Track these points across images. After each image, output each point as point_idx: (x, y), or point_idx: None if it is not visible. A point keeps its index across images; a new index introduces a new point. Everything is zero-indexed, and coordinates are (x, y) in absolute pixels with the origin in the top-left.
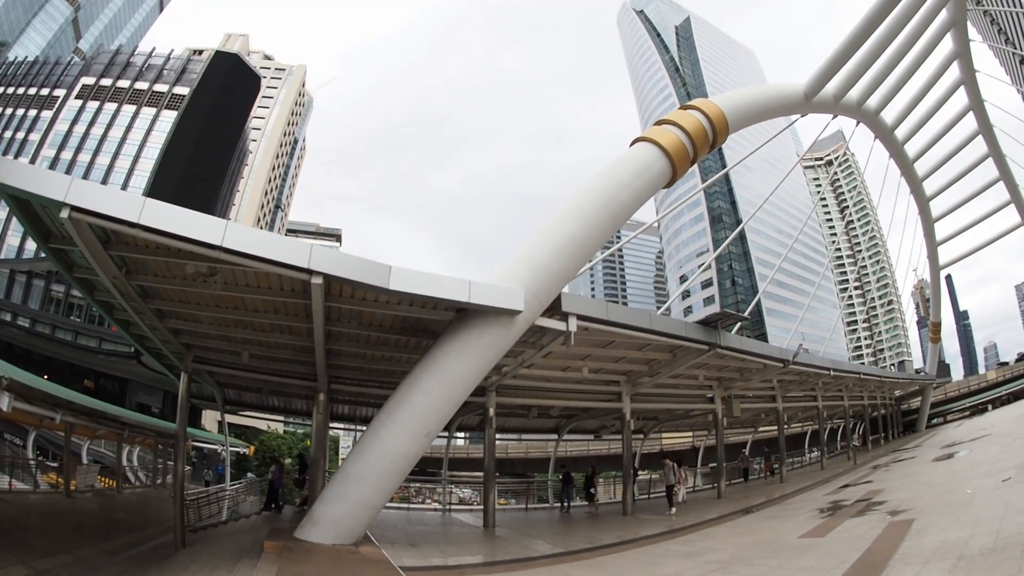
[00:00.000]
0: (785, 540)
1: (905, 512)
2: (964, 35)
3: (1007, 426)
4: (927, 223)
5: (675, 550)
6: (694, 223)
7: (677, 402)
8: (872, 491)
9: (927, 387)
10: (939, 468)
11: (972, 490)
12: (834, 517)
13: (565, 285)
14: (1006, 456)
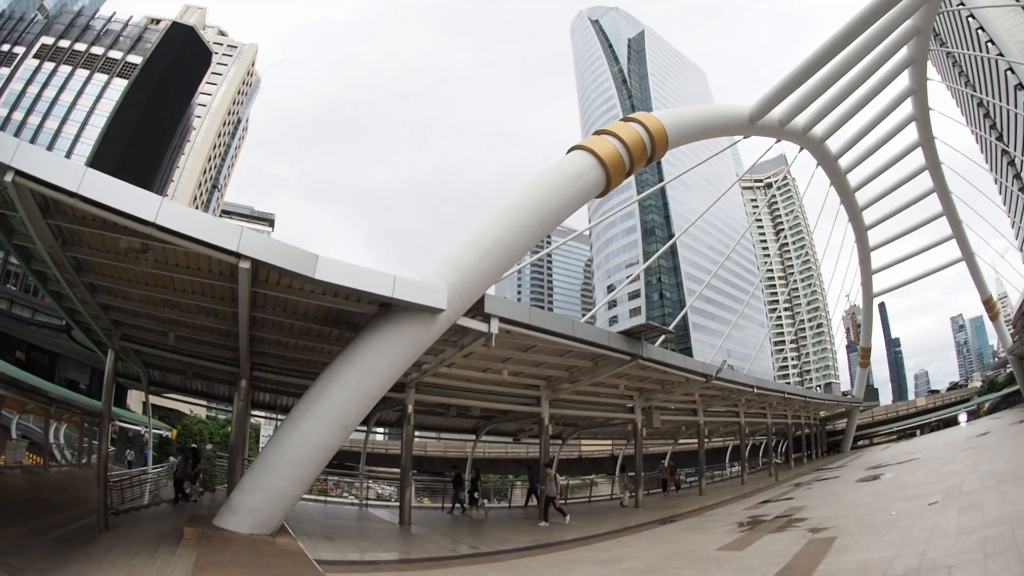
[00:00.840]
0: (703, 552)
1: (827, 530)
2: (922, 73)
3: (935, 452)
4: (863, 251)
5: (590, 556)
6: (626, 234)
7: (597, 410)
8: (793, 508)
9: (853, 410)
10: (863, 489)
11: (897, 512)
12: (753, 531)
13: (490, 286)
14: (934, 481)
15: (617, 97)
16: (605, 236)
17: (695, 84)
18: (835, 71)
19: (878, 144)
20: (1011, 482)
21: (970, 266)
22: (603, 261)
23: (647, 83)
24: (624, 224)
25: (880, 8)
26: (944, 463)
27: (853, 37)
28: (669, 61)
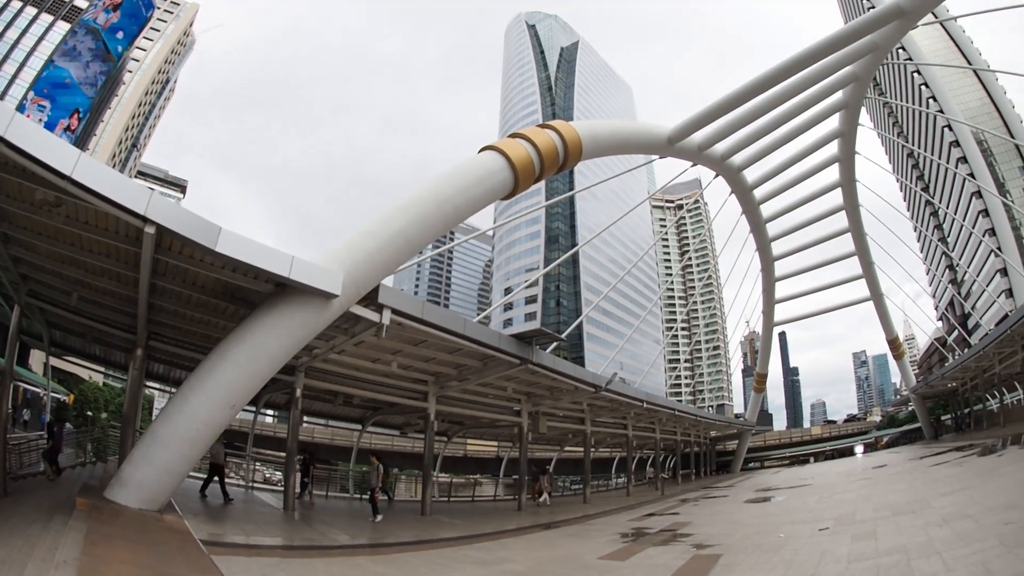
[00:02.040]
0: (584, 559)
1: (712, 547)
2: (854, 118)
3: (828, 479)
4: (768, 280)
5: (471, 556)
6: (530, 239)
7: (484, 410)
8: (678, 523)
9: (745, 432)
10: (751, 509)
11: (786, 534)
12: (637, 543)
13: (387, 277)
14: (825, 507)
15: (540, 103)
16: (508, 239)
17: (620, 99)
18: (764, 105)
19: (797, 180)
20: (908, 515)
21: (878, 306)
22: (504, 263)
23: (572, 93)
24: (529, 229)
25: (822, 51)
26: (837, 491)
27: (788, 75)
28: (598, 74)
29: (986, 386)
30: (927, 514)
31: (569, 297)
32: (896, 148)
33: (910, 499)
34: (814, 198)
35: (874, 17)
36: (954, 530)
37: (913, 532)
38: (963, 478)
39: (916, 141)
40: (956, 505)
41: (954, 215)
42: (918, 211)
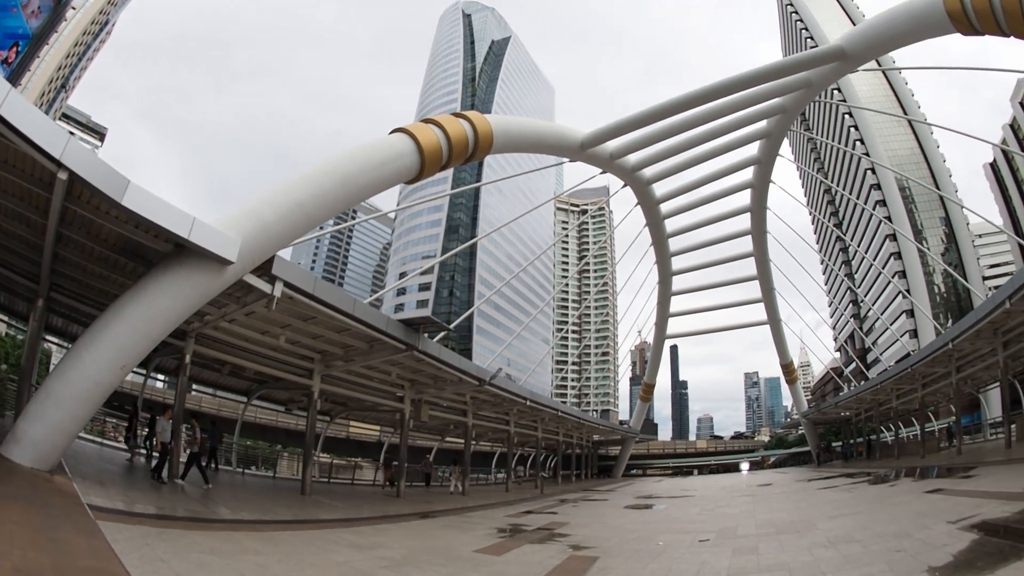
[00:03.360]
0: (459, 551)
1: (589, 549)
2: (774, 149)
3: (711, 493)
4: (664, 293)
5: (347, 539)
6: (430, 226)
7: (367, 393)
8: (556, 522)
9: (628, 439)
10: (631, 515)
11: (665, 543)
12: (513, 539)
13: (284, 248)
14: (707, 519)
15: (460, 93)
16: (409, 223)
17: (541, 98)
18: (685, 123)
19: (707, 200)
20: (791, 534)
21: (775, 331)
22: (402, 247)
23: (495, 87)
24: (430, 216)
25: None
26: (720, 505)
27: (714, 98)
28: (523, 71)
29: (882, 418)
30: (813, 535)
31: (463, 288)
32: (813, 182)
33: (795, 519)
34: (722, 219)
35: (814, 56)
36: (841, 552)
37: (797, 551)
38: (853, 503)
39: (836, 179)
40: (844, 529)
41: (864, 253)
42: (828, 245)
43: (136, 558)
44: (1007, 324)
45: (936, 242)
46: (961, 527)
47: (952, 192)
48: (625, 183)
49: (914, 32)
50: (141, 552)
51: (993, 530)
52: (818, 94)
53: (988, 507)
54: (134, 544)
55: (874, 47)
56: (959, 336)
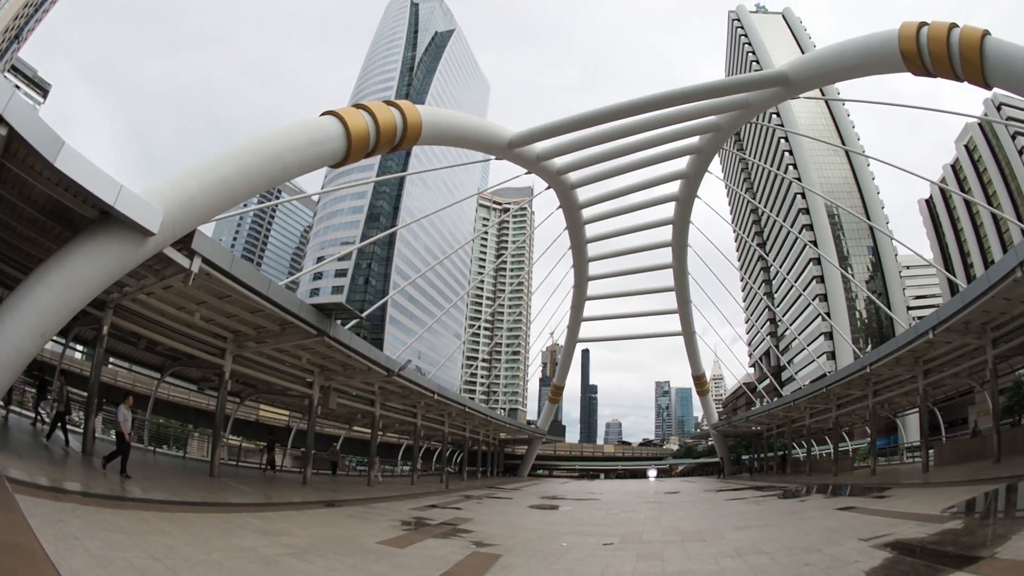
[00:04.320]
0: (363, 542)
1: (492, 546)
2: (703, 165)
3: (617, 497)
4: (579, 297)
5: (254, 524)
6: (352, 212)
7: (278, 377)
8: (460, 518)
9: (535, 439)
10: (535, 515)
11: (568, 544)
12: (416, 532)
13: (206, 223)
14: (612, 523)
15: (397, 81)
16: (331, 208)
17: (476, 93)
18: (616, 132)
19: (630, 209)
20: (697, 542)
21: (688, 343)
22: (322, 231)
23: (432, 78)
24: (353, 202)
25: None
26: (626, 509)
27: (648, 109)
28: (462, 64)
29: (794, 435)
30: (719, 544)
31: (379, 277)
32: (740, 201)
33: (702, 528)
34: (644, 229)
35: (757, 79)
36: (747, 563)
37: (703, 559)
38: (761, 516)
39: (764, 199)
40: (751, 540)
41: (786, 275)
42: (749, 264)
43: (51, 534)
44: (929, 353)
45: (862, 269)
46: (874, 545)
47: (883, 223)
48: (549, 185)
49: (863, 67)
50: (56, 528)
51: (908, 550)
52: (754, 116)
53: (903, 527)
54: (49, 520)
55: (819, 77)
56: (878, 361)
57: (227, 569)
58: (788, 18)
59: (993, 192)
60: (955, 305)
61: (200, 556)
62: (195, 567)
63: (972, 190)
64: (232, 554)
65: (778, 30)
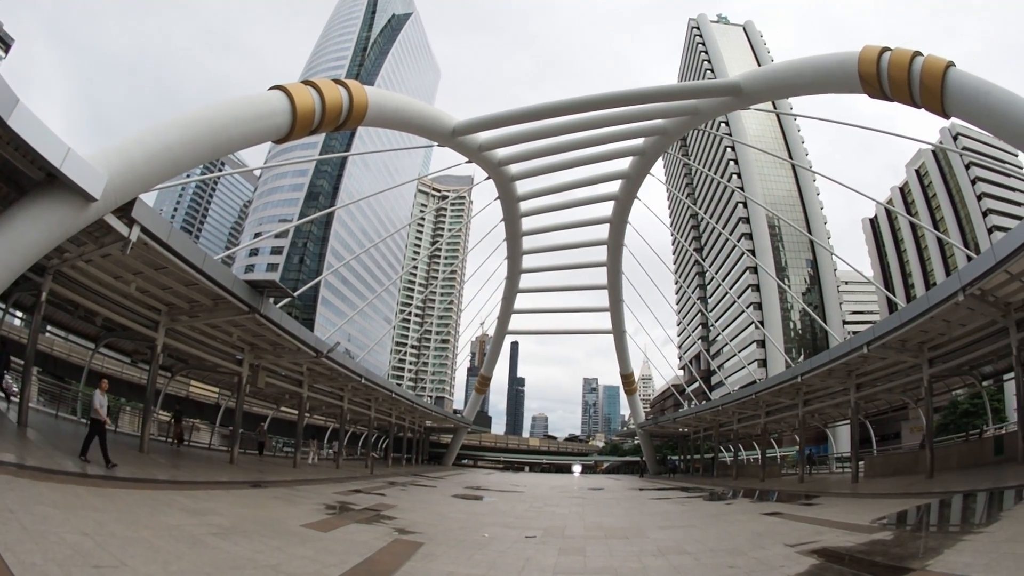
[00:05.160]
0: (287, 524)
1: (414, 534)
2: (646, 168)
3: (541, 491)
4: (511, 289)
5: (181, 503)
6: (292, 189)
7: (209, 353)
8: (384, 504)
9: (461, 429)
10: (459, 505)
11: (491, 535)
12: (340, 517)
13: (147, 191)
14: (534, 516)
15: (349, 61)
16: (272, 184)
17: (426, 78)
18: (561, 127)
19: (569, 205)
20: (621, 539)
21: (618, 341)
22: (261, 207)
23: (383, 60)
24: (294, 179)
25: (639, 98)
26: (549, 503)
27: (595, 108)
28: (416, 49)
29: (722, 439)
30: (642, 543)
31: (314, 257)
32: (680, 205)
33: (625, 525)
34: (581, 226)
35: (709, 86)
36: (671, 563)
37: (626, 557)
38: (686, 516)
39: (705, 205)
40: (675, 540)
41: (722, 281)
42: (685, 268)
43: None
44: (863, 368)
45: (799, 281)
46: (800, 551)
47: (824, 238)
48: (489, 176)
49: (819, 85)
50: None
51: (835, 557)
52: (702, 123)
53: (830, 535)
54: None
55: (772, 90)
56: (810, 372)
57: (154, 548)
58: (749, 31)
59: (941, 217)
60: (893, 323)
61: (129, 533)
62: (124, 544)
63: (919, 214)
64: (160, 532)
65: (737, 42)
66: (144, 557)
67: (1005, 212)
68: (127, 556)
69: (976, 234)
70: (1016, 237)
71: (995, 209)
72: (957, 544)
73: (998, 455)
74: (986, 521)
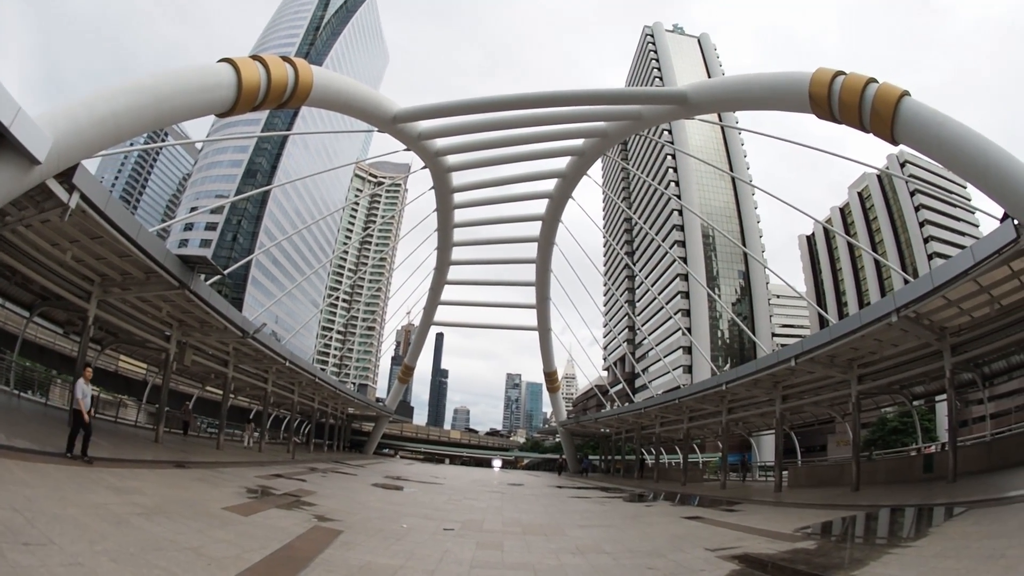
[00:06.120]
0: (209, 507)
1: (334, 522)
2: (582, 169)
3: (461, 483)
4: (439, 280)
5: (107, 481)
6: (231, 165)
7: (138, 327)
8: (304, 490)
9: (383, 417)
10: (378, 494)
11: (409, 526)
12: (261, 501)
13: (90, 157)
14: (453, 509)
15: (300, 39)
16: (212, 158)
17: (374, 63)
18: (502, 122)
19: (503, 200)
20: (539, 536)
21: (543, 339)
22: (199, 181)
23: (334, 41)
24: (234, 155)
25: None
26: (468, 497)
27: (540, 106)
28: (367, 32)
29: (644, 441)
30: (561, 540)
31: (247, 236)
32: (615, 208)
33: (544, 522)
34: (513, 222)
35: (656, 93)
36: (589, 562)
37: (543, 554)
38: (605, 516)
39: (640, 210)
40: (594, 539)
41: (651, 286)
42: (615, 270)
43: None
44: (790, 380)
45: (730, 292)
46: (721, 556)
47: (758, 251)
48: (426, 165)
49: (767, 101)
50: None
51: (757, 564)
52: (644, 129)
53: (751, 542)
54: None
55: (719, 102)
56: (735, 380)
57: (81, 526)
58: (703, 44)
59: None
60: (823, 338)
61: (57, 510)
62: (52, 522)
63: (858, 235)
64: (87, 510)
65: (690, 52)
66: (71, 535)
67: (947, 240)
68: (55, 534)
69: (916, 259)
70: (958, 264)
71: (937, 236)
72: (883, 557)
73: (927, 472)
74: (915, 536)
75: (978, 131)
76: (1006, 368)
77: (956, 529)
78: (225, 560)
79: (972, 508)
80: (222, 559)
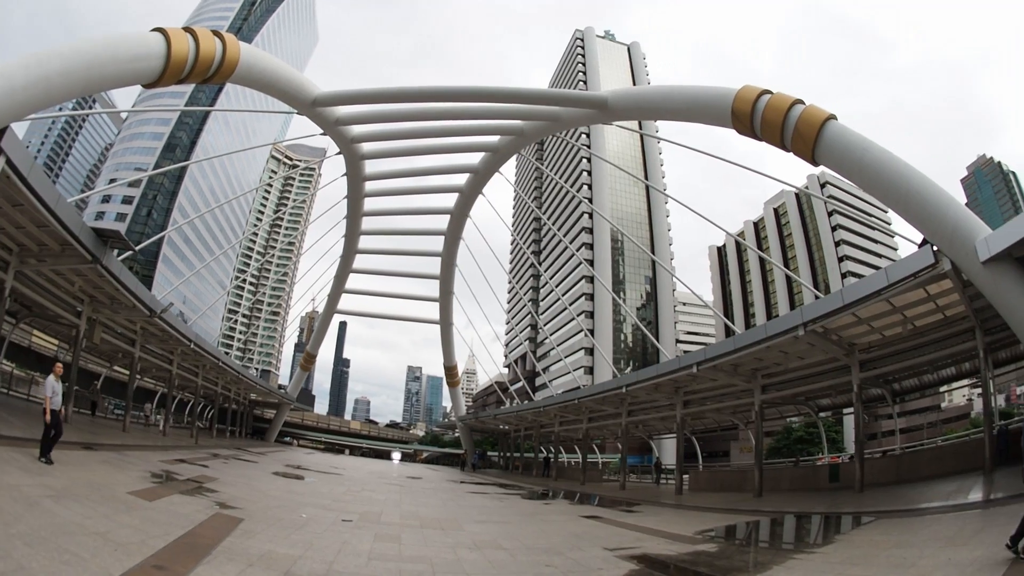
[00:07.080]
0: (115, 491)
1: (235, 509)
2: (495, 166)
3: (360, 475)
4: (345, 268)
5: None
6: (152, 138)
7: (51, 301)
8: (207, 476)
9: (284, 405)
10: (278, 483)
11: (308, 516)
12: (165, 486)
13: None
14: (352, 501)
15: (234, 15)
16: (135, 130)
17: (303, 43)
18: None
19: (413, 191)
20: (436, 530)
21: (444, 333)
22: (120, 152)
23: (267, 18)
24: (156, 127)
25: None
26: (367, 488)
27: (460, 100)
28: (301, 13)
29: (543, 440)
30: (458, 535)
31: (162, 212)
32: (525, 206)
33: (442, 516)
34: (422, 214)
35: (576, 97)
36: (486, 557)
37: (441, 548)
38: (503, 512)
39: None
40: (491, 535)
41: (555, 287)
42: (520, 269)
43: None
44: (691, 386)
45: (636, 296)
46: (619, 556)
47: (666, 259)
48: (341, 151)
49: (688, 113)
50: None
51: (657, 564)
52: (559, 131)
53: (651, 543)
54: None
55: (639, 111)
56: (636, 384)
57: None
58: (633, 52)
59: (793, 256)
60: (727, 347)
61: None
62: None
63: (771, 250)
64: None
65: (619, 60)
66: None
67: (863, 261)
68: None
69: (829, 277)
70: (871, 284)
71: (853, 256)
72: (788, 561)
73: (833, 482)
74: (822, 542)
75: (902, 158)
76: (918, 386)
77: (864, 538)
78: (130, 546)
79: (881, 518)
80: (127, 545)
